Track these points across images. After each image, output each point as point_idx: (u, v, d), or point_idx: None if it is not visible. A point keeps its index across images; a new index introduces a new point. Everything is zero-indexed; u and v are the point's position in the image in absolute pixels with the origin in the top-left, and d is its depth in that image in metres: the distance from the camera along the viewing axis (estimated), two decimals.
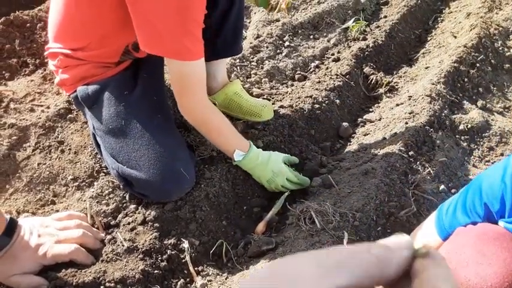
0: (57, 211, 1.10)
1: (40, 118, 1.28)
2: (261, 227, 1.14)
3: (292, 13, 1.99)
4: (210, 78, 1.35)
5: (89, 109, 1.13)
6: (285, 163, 1.22)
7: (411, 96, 1.53)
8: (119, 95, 1.11)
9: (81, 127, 1.29)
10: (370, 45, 1.80)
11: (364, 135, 1.47)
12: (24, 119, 1.28)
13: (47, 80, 1.46)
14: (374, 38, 1.84)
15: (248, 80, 1.59)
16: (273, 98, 1.53)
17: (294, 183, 1.22)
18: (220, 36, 1.30)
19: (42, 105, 1.35)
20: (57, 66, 1.15)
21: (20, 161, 1.18)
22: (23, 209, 1.08)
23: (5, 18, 1.55)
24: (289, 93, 1.55)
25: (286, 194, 1.20)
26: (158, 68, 1.24)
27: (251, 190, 1.25)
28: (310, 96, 1.50)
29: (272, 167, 1.18)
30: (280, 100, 1.52)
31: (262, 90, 1.57)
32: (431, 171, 1.25)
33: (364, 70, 1.73)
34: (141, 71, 1.18)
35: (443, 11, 2.17)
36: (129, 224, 1.08)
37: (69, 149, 1.24)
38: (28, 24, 1.59)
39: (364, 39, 1.87)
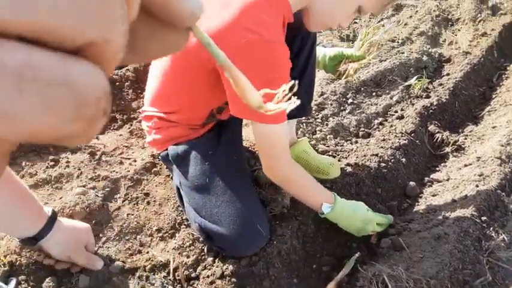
0: (145, 260, 1.20)
1: (129, 171, 1.42)
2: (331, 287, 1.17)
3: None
4: None
5: (177, 167, 1.24)
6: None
7: (480, 157, 1.53)
8: (204, 155, 1.23)
9: (165, 180, 1.42)
10: (434, 103, 1.83)
11: (433, 195, 1.48)
12: (114, 171, 1.43)
13: (133, 135, 1.62)
14: (437, 95, 1.88)
15: (314, 137, 1.67)
16: (338, 155, 1.60)
17: (382, 225, 1.28)
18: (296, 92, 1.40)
19: (129, 158, 1.50)
20: (151, 127, 1.29)
21: (112, 211, 1.30)
22: (114, 257, 1.19)
23: None
24: (355, 151, 1.60)
25: (357, 255, 1.23)
26: (237, 129, 1.35)
27: (320, 248, 1.29)
28: (376, 155, 1.54)
29: (360, 217, 1.23)
30: (346, 157, 1.57)
31: (328, 146, 1.64)
32: (506, 238, 1.23)
33: (429, 128, 1.75)
34: (223, 133, 1.29)
35: (507, 68, 2.17)
36: (208, 277, 1.16)
37: (154, 201, 1.35)
38: (117, 83, 1.78)
39: (428, 96, 1.91)
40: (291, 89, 0.33)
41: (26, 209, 0.96)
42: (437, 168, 1.64)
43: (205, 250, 1.23)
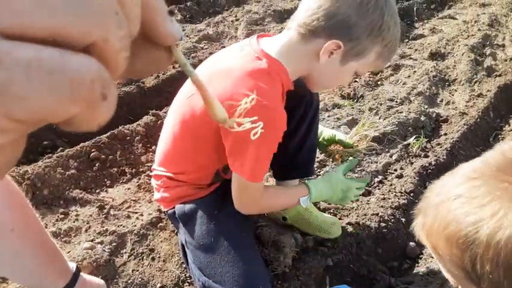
0: None
1: (135, 225, 1.47)
2: None
3: (354, 128, 2.16)
4: None
5: (184, 225, 1.29)
6: (345, 174, 1.38)
7: None
8: (210, 214, 1.27)
9: (170, 236, 1.46)
10: (433, 163, 1.89)
11: (432, 257, 1.50)
12: (122, 225, 1.47)
13: (141, 189, 1.67)
14: (436, 155, 1.94)
15: None
16: (339, 213, 1.64)
17: (361, 189, 1.42)
18: (296, 161, 1.47)
19: (136, 212, 1.55)
20: (160, 185, 1.35)
21: (118, 267, 1.33)
22: None
23: (110, 133, 1.85)
24: (355, 209, 1.64)
25: None
26: None
27: None
28: (377, 214, 1.58)
29: (340, 187, 1.35)
30: (347, 216, 1.61)
31: (329, 204, 1.69)
32: None
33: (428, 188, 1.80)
34: (228, 192, 1.35)
35: (504, 128, 2.25)
36: None
37: (159, 257, 1.39)
38: (128, 138, 1.87)
39: (426, 156, 1.97)
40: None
41: (53, 265, 1.00)
42: None
43: None
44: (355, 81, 2.59)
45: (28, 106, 0.20)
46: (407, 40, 3.09)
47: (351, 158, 1.47)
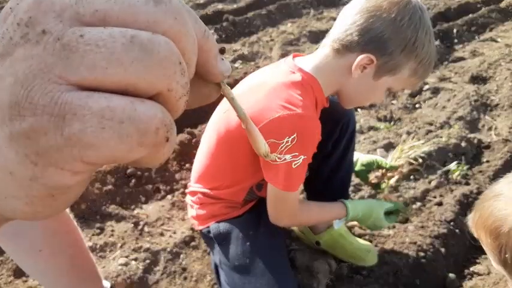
0: None
1: (168, 243, 1.47)
2: None
3: (391, 152, 2.11)
4: None
5: (219, 245, 1.28)
6: (387, 212, 1.38)
7: None
8: (245, 235, 1.27)
9: (202, 255, 1.45)
10: (474, 191, 1.81)
11: None
12: (155, 242, 1.49)
13: (175, 206, 1.69)
14: (477, 183, 1.86)
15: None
16: (375, 239, 1.59)
17: (393, 217, 1.41)
18: (332, 183, 1.44)
19: (170, 230, 1.56)
20: (195, 202, 1.36)
21: (151, 285, 1.34)
22: None
23: None
24: (392, 236, 1.59)
25: None
26: None
27: None
28: (415, 243, 1.52)
29: (371, 224, 1.37)
30: (383, 243, 1.56)
31: (364, 230, 1.64)
32: None
33: (468, 217, 1.72)
34: (263, 213, 1.34)
35: None
36: None
37: (191, 276, 1.38)
38: None
39: (467, 184, 1.89)
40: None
41: (91, 285, 1.03)
42: (477, 260, 1.59)
43: None
44: (392, 103, 2.54)
45: (100, 152, 0.21)
46: (446, 63, 3.02)
47: (397, 202, 1.44)
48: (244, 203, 1.36)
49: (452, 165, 1.99)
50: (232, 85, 2.60)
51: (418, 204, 1.80)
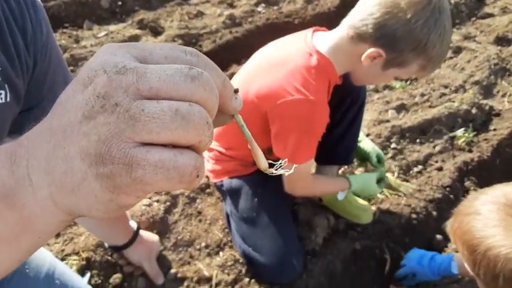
0: (193, 272, 1.41)
1: None
2: None
3: (402, 114, 2.18)
4: None
5: (230, 198, 1.45)
6: (379, 179, 1.58)
7: None
8: (254, 191, 1.42)
9: (216, 202, 1.63)
10: (475, 159, 1.91)
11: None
12: None
13: None
14: (480, 151, 1.95)
15: None
16: (373, 199, 1.73)
17: (382, 184, 1.61)
18: (338, 149, 1.56)
19: None
20: (211, 157, 1.50)
21: (170, 224, 1.53)
22: (169, 267, 1.42)
23: None
24: (389, 198, 1.73)
25: None
26: None
27: (344, 286, 1.45)
28: (409, 205, 1.67)
29: (368, 193, 1.57)
30: (380, 203, 1.71)
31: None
32: None
33: (465, 184, 1.84)
34: None
35: None
36: None
37: (205, 219, 1.57)
38: None
39: (470, 151, 1.98)
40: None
41: (121, 226, 1.21)
42: None
43: (244, 271, 1.43)
44: None
45: (154, 187, 0.32)
46: (474, 19, 2.94)
47: (381, 170, 1.63)
48: (255, 163, 1.49)
49: (459, 132, 2.06)
50: (254, 32, 2.60)
51: (420, 167, 1.92)
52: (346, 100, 1.47)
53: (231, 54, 2.46)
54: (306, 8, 2.87)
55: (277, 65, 1.28)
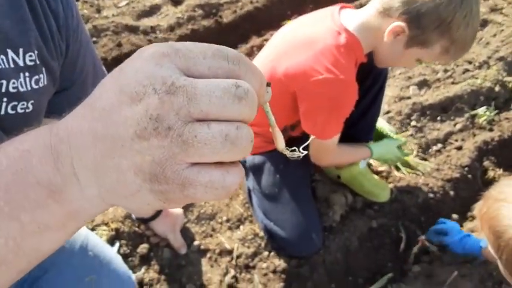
0: (215, 244, 1.49)
1: None
2: None
3: (424, 90, 2.16)
4: None
5: (253, 174, 1.49)
6: (398, 147, 1.62)
7: None
8: (276, 168, 1.46)
9: None
10: (496, 139, 1.90)
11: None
12: None
13: None
14: (501, 131, 1.94)
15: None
16: (391, 176, 1.76)
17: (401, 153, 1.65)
18: (358, 127, 1.57)
19: None
20: None
21: None
22: (192, 239, 1.49)
23: None
24: (407, 177, 1.75)
25: (389, 275, 1.45)
26: (306, 148, 1.56)
27: (359, 263, 1.51)
28: (427, 185, 1.69)
29: (390, 158, 1.60)
30: (398, 181, 1.73)
31: (382, 167, 1.80)
32: None
33: (484, 163, 1.85)
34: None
35: None
36: (262, 269, 1.43)
37: None
38: None
39: (491, 130, 1.97)
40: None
41: None
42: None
43: (263, 245, 1.50)
44: None
45: (201, 201, 0.37)
46: None
47: (399, 137, 1.68)
48: None
49: (481, 110, 2.04)
50: (275, 2, 2.54)
51: (439, 146, 1.92)
52: (368, 78, 1.47)
53: (251, 25, 2.43)
54: None
55: (305, 44, 1.28)
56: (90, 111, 0.34)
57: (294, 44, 1.32)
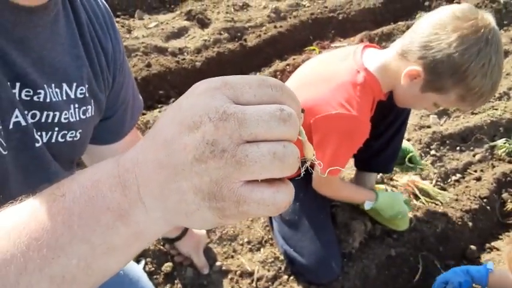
0: (236, 266, 1.53)
1: None
2: None
3: (444, 119, 2.19)
4: (361, 184, 1.67)
5: None
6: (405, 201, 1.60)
7: None
8: (296, 196, 1.46)
9: None
10: None
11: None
12: None
13: None
14: None
15: (390, 183, 1.86)
16: (409, 207, 1.78)
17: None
18: (379, 158, 1.61)
19: None
20: None
21: None
22: (214, 259, 1.53)
23: None
24: (426, 206, 1.78)
25: None
26: None
27: None
28: (445, 215, 1.71)
29: (397, 210, 1.55)
30: (417, 210, 1.76)
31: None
32: None
33: (503, 195, 1.86)
34: (310, 178, 1.55)
35: None
36: None
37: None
38: None
39: (510, 162, 1.99)
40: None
41: None
42: (500, 236, 1.77)
43: (283, 269, 1.53)
44: None
45: (254, 216, 0.41)
46: None
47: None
48: (298, 168, 1.57)
49: (500, 142, 2.06)
50: (298, 27, 2.61)
51: (458, 176, 1.94)
52: (390, 114, 1.51)
53: (274, 49, 2.51)
54: (351, 2, 2.86)
55: (325, 80, 1.34)
56: (153, 143, 0.39)
57: (314, 80, 1.39)
